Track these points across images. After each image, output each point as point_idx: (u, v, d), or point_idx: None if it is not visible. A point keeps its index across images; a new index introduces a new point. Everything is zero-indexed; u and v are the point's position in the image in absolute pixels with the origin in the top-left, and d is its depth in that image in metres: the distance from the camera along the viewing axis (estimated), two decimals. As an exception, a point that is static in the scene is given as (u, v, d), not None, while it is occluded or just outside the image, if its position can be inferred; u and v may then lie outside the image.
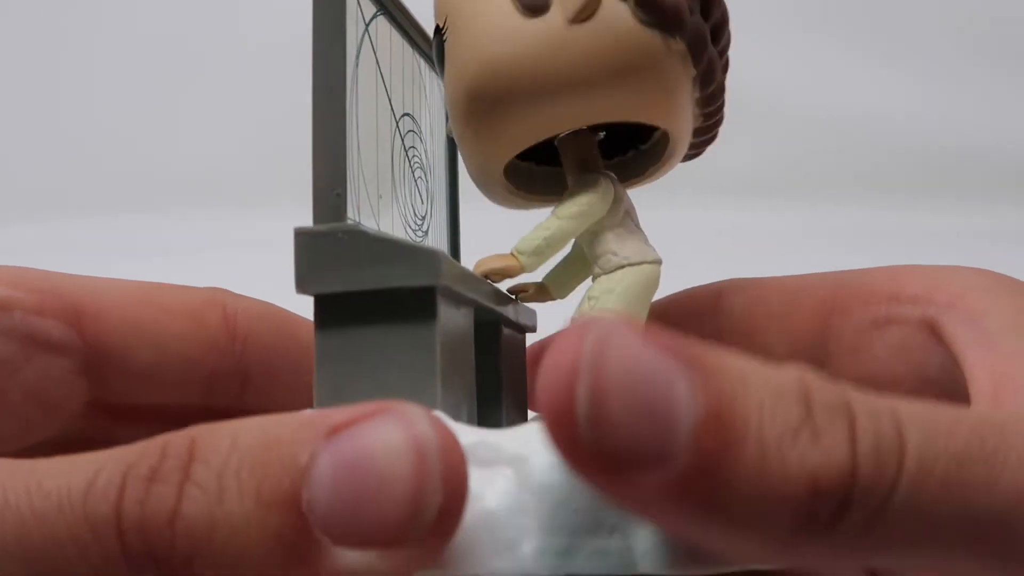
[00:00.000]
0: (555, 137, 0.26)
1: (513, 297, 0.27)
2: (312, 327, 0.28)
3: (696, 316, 0.28)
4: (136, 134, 0.93)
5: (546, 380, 0.14)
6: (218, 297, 0.27)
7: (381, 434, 0.16)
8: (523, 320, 0.28)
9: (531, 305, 0.28)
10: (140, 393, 0.26)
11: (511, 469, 0.18)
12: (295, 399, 0.28)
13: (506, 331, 0.27)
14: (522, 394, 0.28)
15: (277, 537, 0.15)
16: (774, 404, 0.15)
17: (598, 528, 0.17)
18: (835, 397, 0.16)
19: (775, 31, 0.85)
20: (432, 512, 0.15)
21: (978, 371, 0.21)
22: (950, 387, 0.22)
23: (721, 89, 0.25)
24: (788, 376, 0.16)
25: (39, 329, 0.24)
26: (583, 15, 0.22)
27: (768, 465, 0.15)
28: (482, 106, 0.23)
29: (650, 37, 0.23)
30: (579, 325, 0.15)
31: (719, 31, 0.24)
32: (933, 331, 0.24)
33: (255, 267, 0.65)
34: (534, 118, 0.23)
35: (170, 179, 0.90)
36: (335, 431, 0.16)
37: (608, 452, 0.14)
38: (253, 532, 0.15)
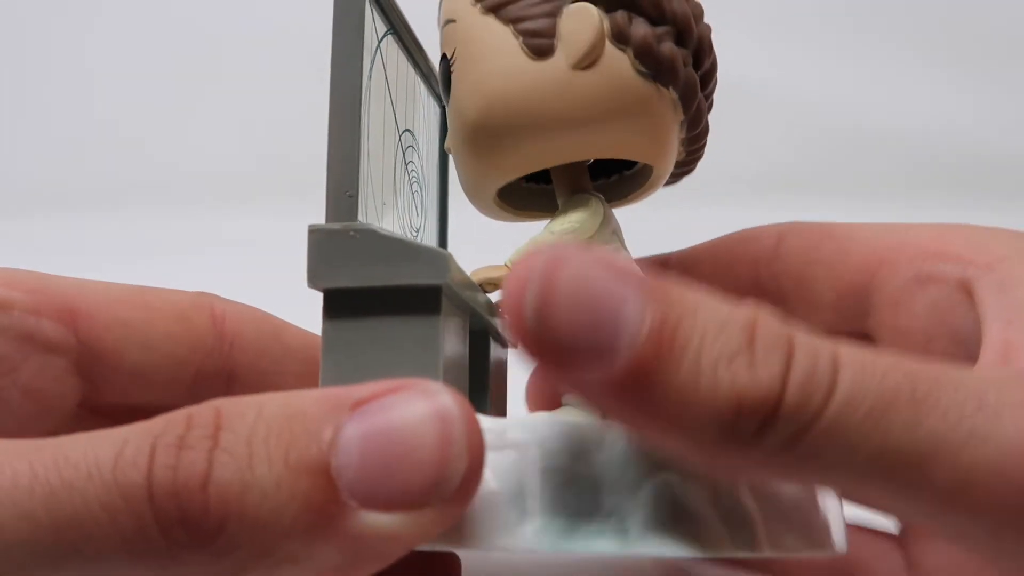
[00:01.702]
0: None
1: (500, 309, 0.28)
2: (297, 332, 0.29)
3: (754, 259, 0.29)
4: (134, 133, 0.92)
5: (509, 280, 0.17)
6: (206, 300, 0.28)
7: (406, 405, 0.17)
8: (507, 333, 0.29)
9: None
10: (129, 392, 0.27)
11: (516, 453, 0.19)
12: None
13: (492, 343, 0.28)
14: (502, 405, 0.29)
15: (306, 500, 0.16)
16: (718, 333, 0.17)
17: (596, 510, 0.18)
18: (779, 334, 0.17)
19: (779, 31, 0.86)
20: (458, 476, 0.16)
21: (993, 337, 0.22)
22: (979, 350, 0.23)
23: (705, 130, 0.27)
24: (740, 312, 0.18)
25: (36, 329, 0.25)
26: (586, 62, 0.24)
27: (700, 382, 0.17)
28: (485, 137, 0.25)
29: (645, 86, 0.24)
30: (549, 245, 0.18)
31: (708, 78, 0.26)
32: (968, 293, 0.24)
33: (246, 265, 0.65)
34: (533, 151, 0.25)
35: (167, 178, 0.89)
36: (359, 404, 0.17)
37: (551, 345, 0.17)
38: (283, 495, 0.16)
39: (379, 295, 0.21)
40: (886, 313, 0.26)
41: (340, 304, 0.22)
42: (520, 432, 0.19)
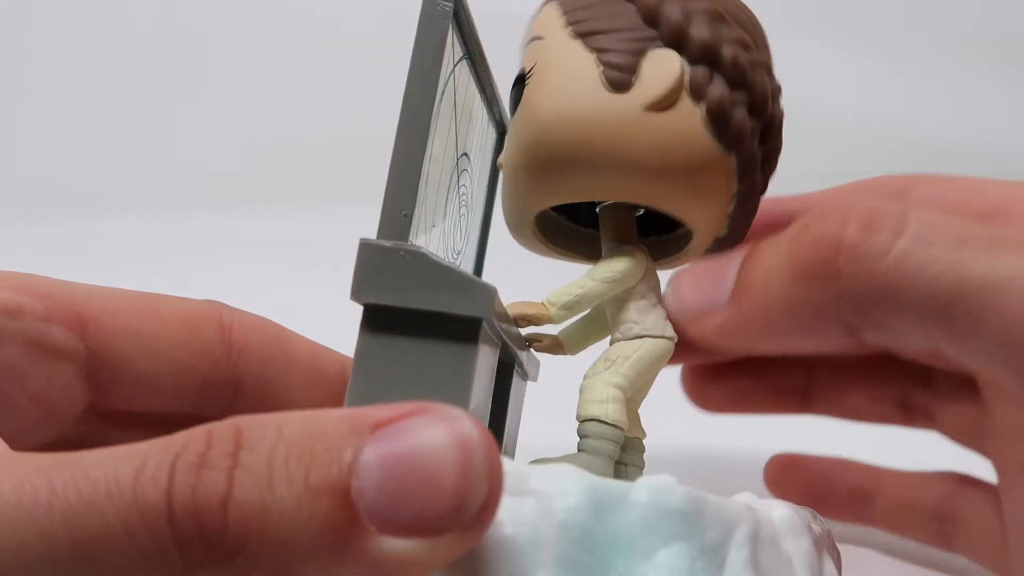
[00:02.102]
0: (596, 203, 0.27)
1: (527, 344, 0.28)
2: (304, 343, 0.30)
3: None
4: (137, 134, 0.92)
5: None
6: (214, 309, 0.28)
7: (427, 429, 0.17)
8: (528, 367, 0.29)
9: (538, 355, 0.29)
10: (136, 399, 0.27)
11: (535, 502, 0.19)
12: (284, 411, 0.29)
13: (515, 374, 0.28)
14: (514, 437, 0.29)
15: (326, 521, 0.16)
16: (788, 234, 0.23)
17: (607, 571, 0.18)
18: (841, 201, 0.22)
19: (774, 31, 0.86)
20: (477, 504, 0.16)
21: None
22: None
23: (753, 212, 0.27)
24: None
25: (46, 336, 0.25)
26: (660, 105, 0.24)
27: (784, 256, 0.23)
28: (543, 155, 0.25)
29: (710, 145, 0.24)
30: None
31: (769, 157, 0.26)
32: None
33: (247, 265, 0.65)
34: (584, 181, 0.25)
35: (168, 179, 0.89)
36: (379, 426, 0.17)
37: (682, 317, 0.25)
38: (303, 515, 0.16)
39: (419, 317, 0.22)
40: None
41: (379, 320, 0.22)
42: (542, 481, 0.19)
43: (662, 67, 0.24)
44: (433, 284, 0.21)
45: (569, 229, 0.29)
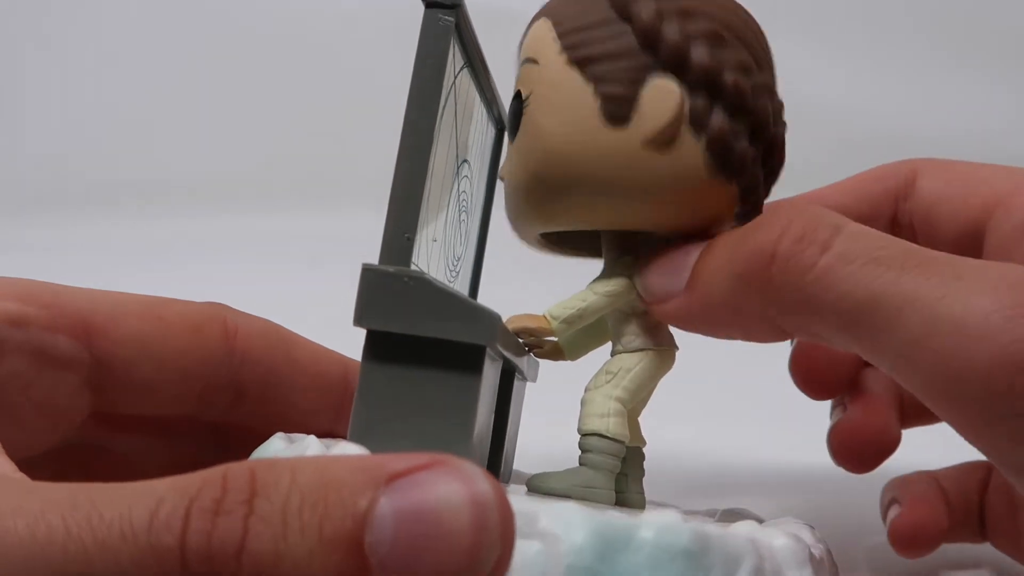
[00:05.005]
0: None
1: (527, 349, 0.28)
2: (307, 345, 0.30)
3: (894, 196, 0.31)
4: (139, 136, 0.91)
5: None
6: (218, 313, 0.28)
7: (442, 487, 0.17)
8: (528, 370, 0.29)
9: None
10: (139, 404, 0.27)
11: (542, 544, 0.19)
12: (285, 415, 0.29)
13: (516, 378, 0.28)
14: (515, 438, 0.29)
15: (339, 574, 0.16)
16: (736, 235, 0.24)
17: None
18: (783, 211, 0.23)
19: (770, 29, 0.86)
20: (490, 565, 0.16)
21: None
22: None
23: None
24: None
25: (51, 345, 0.25)
26: (660, 139, 0.24)
27: (727, 258, 0.24)
28: (540, 188, 0.25)
29: (710, 177, 0.24)
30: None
31: (771, 176, 0.26)
32: None
33: (253, 270, 0.65)
34: (584, 213, 0.25)
35: (168, 180, 0.88)
36: (394, 477, 0.17)
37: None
38: (316, 567, 0.16)
39: (423, 344, 0.22)
40: (995, 256, 0.28)
41: (383, 346, 0.22)
42: (551, 522, 0.19)
43: (662, 99, 0.23)
44: (436, 311, 0.21)
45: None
